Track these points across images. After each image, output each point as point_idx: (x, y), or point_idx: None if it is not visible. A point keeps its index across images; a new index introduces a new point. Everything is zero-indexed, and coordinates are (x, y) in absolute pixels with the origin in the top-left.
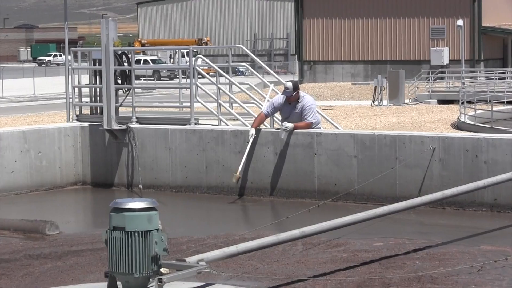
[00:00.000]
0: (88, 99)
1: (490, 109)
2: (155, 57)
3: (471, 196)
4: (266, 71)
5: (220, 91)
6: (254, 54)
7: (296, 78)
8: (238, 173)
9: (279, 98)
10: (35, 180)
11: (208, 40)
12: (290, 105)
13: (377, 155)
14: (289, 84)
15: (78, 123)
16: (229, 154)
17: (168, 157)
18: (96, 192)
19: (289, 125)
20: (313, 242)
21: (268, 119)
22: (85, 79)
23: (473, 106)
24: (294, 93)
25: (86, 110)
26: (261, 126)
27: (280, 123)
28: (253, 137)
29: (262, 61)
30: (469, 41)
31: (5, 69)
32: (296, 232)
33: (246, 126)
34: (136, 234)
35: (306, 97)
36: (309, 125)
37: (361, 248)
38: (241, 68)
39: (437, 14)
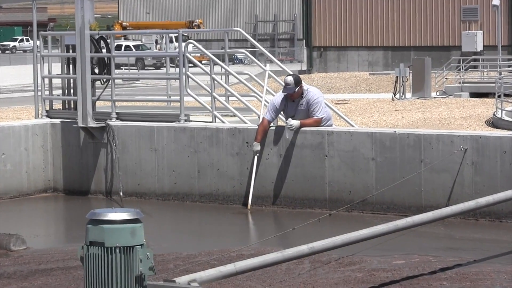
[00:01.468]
0: (60, 91)
1: None
2: (138, 43)
3: (509, 205)
4: (269, 59)
5: (215, 82)
6: (254, 39)
7: (304, 67)
8: (249, 205)
9: (280, 97)
10: None
11: (200, 23)
12: (294, 102)
13: (399, 158)
14: (290, 79)
15: (48, 120)
16: (225, 156)
17: (153, 159)
18: (70, 200)
19: (295, 122)
20: (323, 260)
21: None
22: (57, 68)
23: None
24: (297, 88)
25: (57, 105)
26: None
27: (284, 120)
28: (257, 154)
29: (264, 47)
30: (507, 24)
31: None
32: (304, 248)
33: (245, 123)
34: (117, 250)
35: (311, 90)
36: (318, 122)
37: (379, 267)
38: (239, 56)
39: None
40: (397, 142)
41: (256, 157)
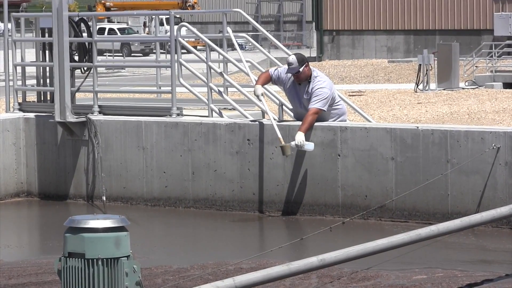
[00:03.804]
0: (34, 81)
1: None
2: (124, 26)
3: None
4: (273, 44)
5: (212, 71)
6: (257, 22)
7: (314, 54)
8: (282, 141)
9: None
10: None
11: (195, 3)
12: (301, 86)
13: (422, 157)
14: (293, 58)
15: (21, 114)
16: (223, 156)
17: (141, 159)
18: (45, 206)
19: (297, 138)
20: (333, 275)
21: (276, 110)
22: (31, 55)
23: None
24: (302, 67)
25: (32, 97)
26: (265, 118)
27: (290, 113)
28: (264, 96)
29: (267, 31)
30: None
31: None
32: (313, 260)
33: (246, 118)
34: (100, 262)
35: (320, 78)
36: (316, 112)
37: (397, 282)
38: (239, 40)
39: None
40: (420, 139)
41: (263, 100)
